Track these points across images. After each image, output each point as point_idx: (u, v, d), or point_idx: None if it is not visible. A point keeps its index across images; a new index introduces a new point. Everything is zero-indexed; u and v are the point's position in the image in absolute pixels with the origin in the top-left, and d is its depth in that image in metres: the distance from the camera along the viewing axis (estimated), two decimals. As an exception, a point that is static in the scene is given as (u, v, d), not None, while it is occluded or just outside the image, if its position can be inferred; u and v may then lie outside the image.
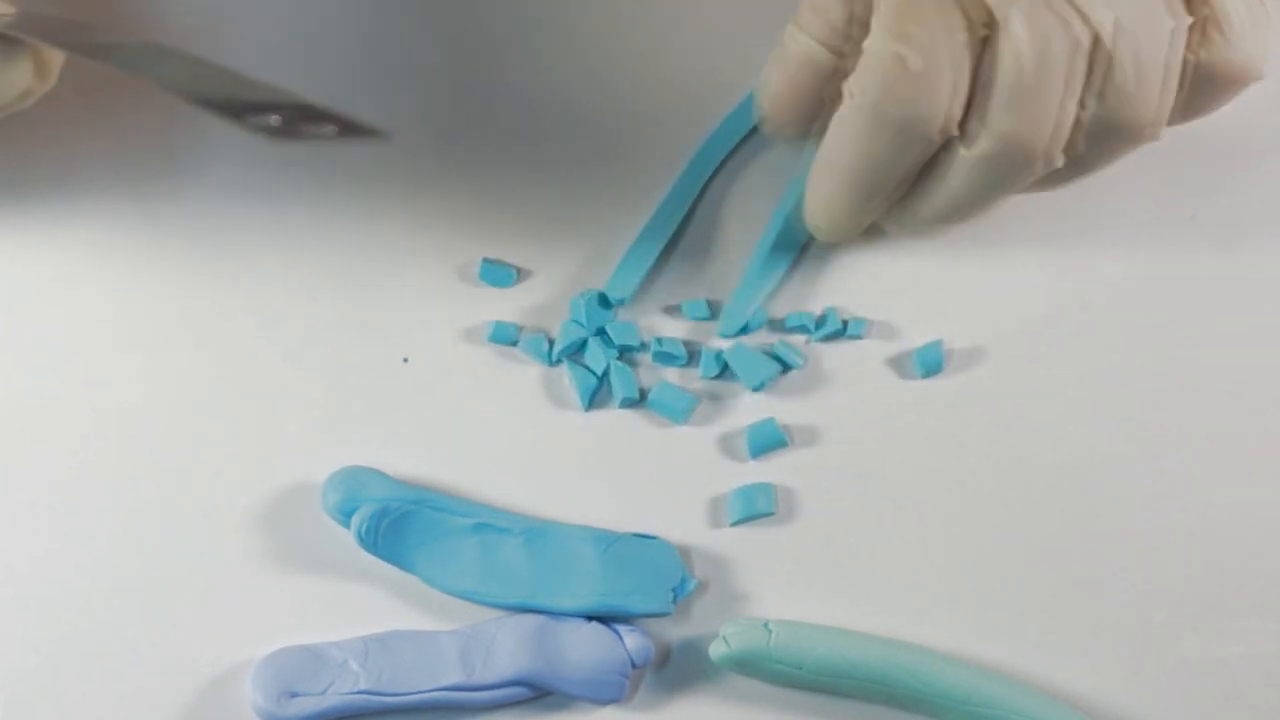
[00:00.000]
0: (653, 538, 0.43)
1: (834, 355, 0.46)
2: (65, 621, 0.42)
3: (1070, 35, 0.38)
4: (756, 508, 0.43)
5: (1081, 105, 0.39)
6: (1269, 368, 0.46)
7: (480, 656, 0.41)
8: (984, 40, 0.39)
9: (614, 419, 0.45)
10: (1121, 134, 0.40)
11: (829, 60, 0.42)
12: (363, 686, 0.41)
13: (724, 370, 0.45)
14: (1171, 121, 0.41)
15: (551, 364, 0.45)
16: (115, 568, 0.43)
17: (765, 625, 0.41)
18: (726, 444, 0.45)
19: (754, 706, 0.42)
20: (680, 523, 0.44)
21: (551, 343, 0.45)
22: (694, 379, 0.45)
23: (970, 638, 0.42)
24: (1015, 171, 0.40)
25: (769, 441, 0.44)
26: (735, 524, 0.44)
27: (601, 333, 0.45)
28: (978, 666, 0.42)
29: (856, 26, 0.41)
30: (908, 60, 0.39)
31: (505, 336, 0.45)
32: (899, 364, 0.46)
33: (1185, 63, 0.40)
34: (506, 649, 0.41)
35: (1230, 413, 0.45)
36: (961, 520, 0.44)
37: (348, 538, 0.42)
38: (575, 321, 0.45)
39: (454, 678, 0.41)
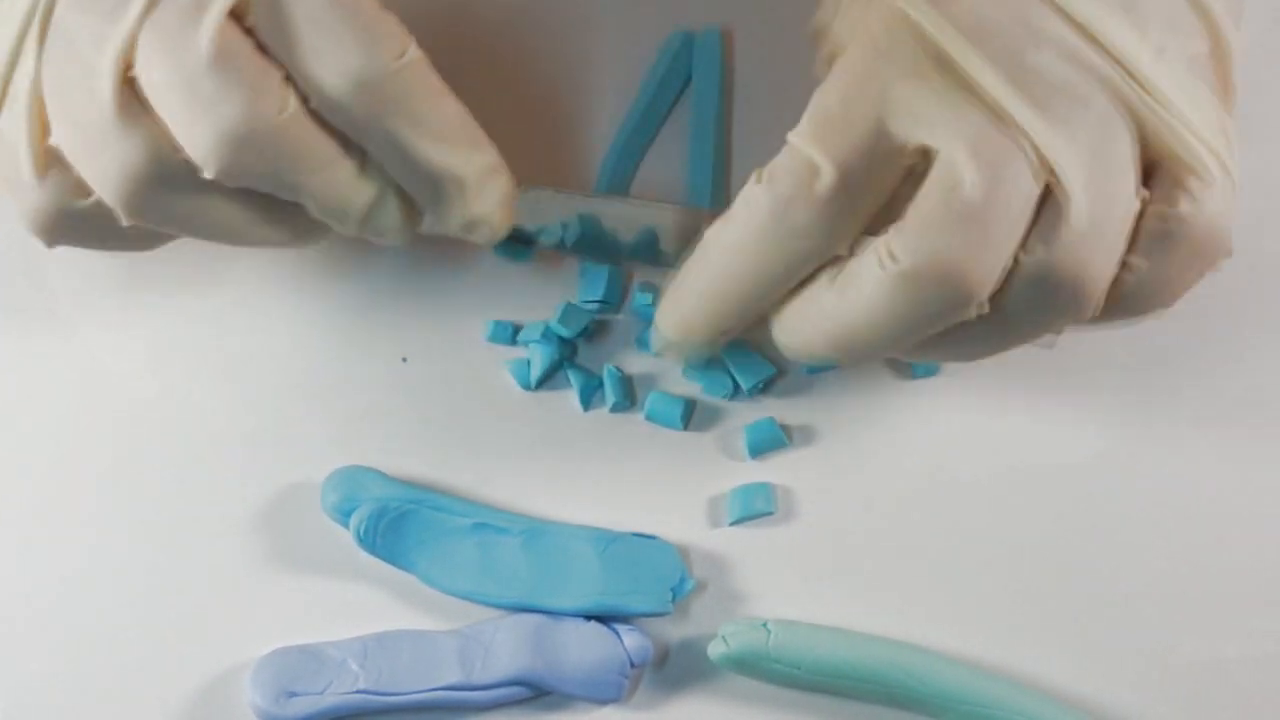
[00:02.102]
0: (652, 537, 0.43)
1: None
2: (65, 622, 0.42)
3: (1026, 173, 0.35)
4: (756, 507, 0.43)
5: (1024, 249, 0.36)
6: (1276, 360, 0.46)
7: (479, 656, 0.41)
8: (912, 166, 0.36)
9: (613, 418, 0.45)
10: (1062, 292, 0.36)
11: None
12: (361, 686, 0.41)
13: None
14: (1131, 304, 0.37)
15: (532, 389, 0.45)
16: (115, 568, 0.43)
17: (764, 625, 0.41)
18: (725, 443, 0.45)
19: (753, 706, 0.42)
20: (680, 523, 0.44)
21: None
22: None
23: (970, 638, 0.42)
24: (933, 305, 0.36)
25: (768, 441, 0.44)
26: (734, 523, 0.44)
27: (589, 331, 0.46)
28: (977, 667, 0.42)
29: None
30: (821, 172, 0.36)
31: (503, 336, 0.45)
32: (897, 364, 0.46)
33: (1148, 227, 0.36)
34: (505, 649, 0.41)
35: (1232, 412, 0.45)
36: (961, 520, 0.44)
37: (347, 538, 0.42)
38: (542, 343, 0.45)
39: (453, 677, 0.41)
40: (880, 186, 0.37)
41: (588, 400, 0.45)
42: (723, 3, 0.49)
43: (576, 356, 0.45)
